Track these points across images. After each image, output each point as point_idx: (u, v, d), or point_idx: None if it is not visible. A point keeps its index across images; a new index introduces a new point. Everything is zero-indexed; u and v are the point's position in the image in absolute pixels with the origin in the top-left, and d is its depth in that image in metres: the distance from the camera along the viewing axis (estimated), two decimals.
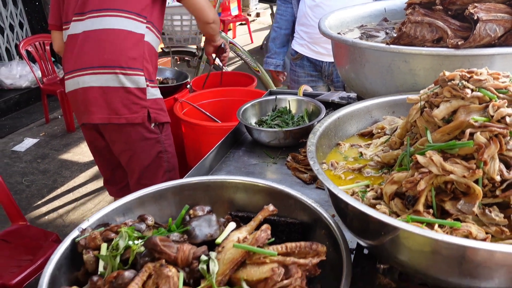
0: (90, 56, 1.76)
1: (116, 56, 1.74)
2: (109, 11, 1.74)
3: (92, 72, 1.76)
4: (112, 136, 1.88)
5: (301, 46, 2.23)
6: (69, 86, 1.84)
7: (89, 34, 1.77)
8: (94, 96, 1.77)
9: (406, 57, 1.05)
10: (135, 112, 1.80)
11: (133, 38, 1.77)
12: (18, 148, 3.82)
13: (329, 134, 0.98)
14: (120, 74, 1.75)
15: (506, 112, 0.70)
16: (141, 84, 1.80)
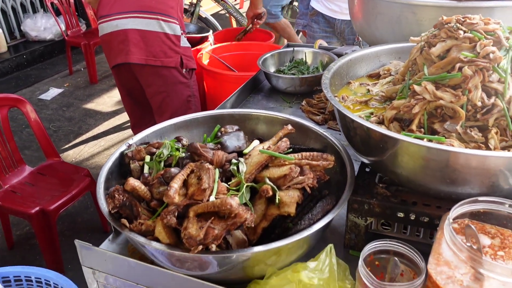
0: (131, 1, 1.89)
1: (157, 4, 1.90)
2: None
3: (133, 16, 1.90)
4: (148, 79, 2.02)
5: (317, 3, 2.35)
6: (106, 29, 1.97)
7: None
8: (134, 37, 1.91)
9: (414, 8, 1.17)
10: (170, 57, 1.95)
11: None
12: (44, 97, 4.01)
13: (341, 73, 1.13)
14: (161, 20, 1.90)
15: (491, 49, 0.83)
16: (177, 32, 1.96)
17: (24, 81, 4.35)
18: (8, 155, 2.15)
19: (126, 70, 2.03)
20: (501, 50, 0.85)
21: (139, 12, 1.89)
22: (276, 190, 0.82)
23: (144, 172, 0.91)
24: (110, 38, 1.96)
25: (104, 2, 1.96)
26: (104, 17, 1.95)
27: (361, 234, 0.94)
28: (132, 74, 2.05)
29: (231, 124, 1.07)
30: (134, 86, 2.12)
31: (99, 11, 1.99)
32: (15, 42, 4.75)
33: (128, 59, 1.94)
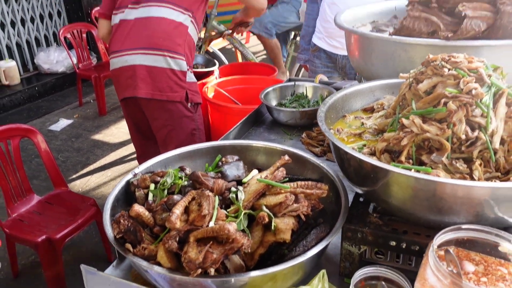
0: (140, 38, 2.00)
1: (165, 41, 1.99)
2: (162, 2, 2.00)
3: (141, 52, 2.00)
4: (154, 113, 2.11)
5: (319, 40, 2.44)
6: (116, 64, 2.07)
7: (141, 20, 2.01)
8: (142, 73, 2.01)
9: (406, 46, 1.24)
10: (175, 92, 2.04)
11: (180, 28, 2.02)
12: (54, 128, 4.11)
13: (337, 107, 1.19)
14: (168, 57, 2.00)
15: (473, 86, 0.89)
16: (183, 68, 2.05)
17: (35, 112, 4.47)
18: (17, 184, 2.21)
19: (133, 103, 2.12)
20: (483, 87, 0.91)
21: (147, 49, 1.99)
22: (272, 217, 0.87)
23: (148, 199, 0.96)
24: (120, 73, 2.06)
25: (115, 39, 2.07)
26: (115, 52, 2.06)
27: (355, 262, 0.98)
28: (139, 108, 2.13)
29: (232, 155, 1.12)
30: (141, 119, 2.19)
31: (111, 47, 2.09)
32: (28, 74, 4.90)
33: (135, 93, 2.03)
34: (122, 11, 2.06)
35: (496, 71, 0.99)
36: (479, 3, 1.15)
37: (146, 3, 2.01)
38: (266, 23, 3.80)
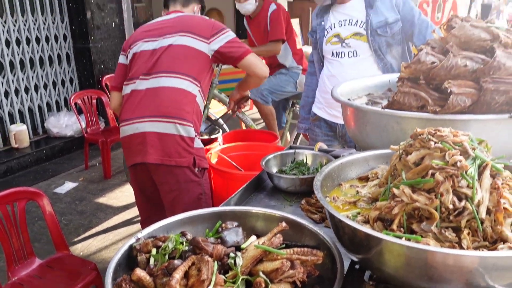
0: (151, 107, 2.11)
1: (174, 109, 2.11)
2: (173, 73, 2.13)
3: (152, 120, 2.10)
4: (162, 178, 2.17)
5: (319, 109, 2.55)
6: (127, 131, 2.17)
7: (152, 90, 2.14)
8: (152, 139, 2.10)
9: (398, 119, 1.32)
10: (183, 157, 2.12)
11: (189, 96, 2.15)
12: (59, 190, 4.17)
13: (333, 176, 1.25)
14: (177, 123, 2.10)
15: (458, 158, 0.95)
16: (191, 134, 2.14)
17: (42, 175, 4.55)
18: (20, 247, 2.23)
19: (142, 169, 2.19)
20: (468, 159, 0.97)
21: (157, 117, 2.10)
22: (268, 283, 0.89)
23: (150, 264, 1.00)
24: (130, 140, 2.15)
25: (126, 108, 2.19)
26: (125, 120, 2.16)
27: None
28: (147, 173, 2.19)
29: (232, 221, 1.16)
30: (148, 184, 2.25)
31: (122, 116, 2.20)
32: (37, 138, 5.05)
33: (145, 159, 2.11)
34: (134, 82, 2.19)
35: (481, 144, 1.06)
36: (464, 81, 1.24)
37: (157, 74, 2.14)
38: (263, 90, 3.95)
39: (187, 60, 2.16)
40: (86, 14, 4.97)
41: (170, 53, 2.16)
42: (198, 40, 2.18)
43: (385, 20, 2.26)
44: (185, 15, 2.31)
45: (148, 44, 2.21)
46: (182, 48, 2.16)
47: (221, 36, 2.20)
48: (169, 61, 2.15)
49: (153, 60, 2.16)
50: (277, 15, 3.74)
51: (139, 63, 2.20)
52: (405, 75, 1.32)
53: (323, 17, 2.43)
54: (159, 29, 2.24)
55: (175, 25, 2.23)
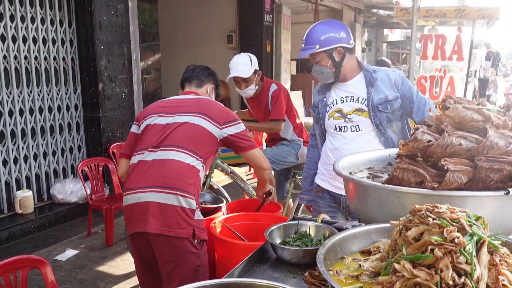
0: (155, 177, 2.19)
1: (178, 181, 2.19)
2: (182, 149, 2.24)
3: (155, 190, 2.17)
4: (161, 248, 2.20)
5: (323, 181, 2.61)
6: (129, 200, 2.23)
7: (158, 162, 2.23)
8: (153, 209, 2.15)
9: (398, 194, 1.37)
10: (183, 228, 2.16)
11: (193, 170, 2.24)
12: (60, 258, 4.13)
13: (335, 249, 1.28)
14: (180, 195, 2.16)
15: (456, 235, 0.99)
16: (193, 206, 2.20)
17: (43, 241, 4.53)
18: None
19: (142, 238, 2.23)
20: (466, 236, 1.01)
21: (161, 188, 2.18)
22: None
23: None
24: (132, 209, 2.20)
25: (131, 177, 2.26)
26: (129, 190, 2.23)
27: None
28: (147, 243, 2.22)
29: None
30: (148, 254, 2.27)
31: (126, 185, 2.27)
32: (42, 203, 5.08)
33: (145, 228, 2.16)
34: (142, 153, 2.28)
35: (478, 221, 1.10)
36: (459, 159, 1.31)
37: (166, 147, 2.25)
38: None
39: (198, 139, 2.28)
40: (98, 85, 5.20)
41: (184, 129, 2.29)
42: (212, 124, 2.32)
43: (385, 97, 2.39)
44: (204, 99, 2.48)
45: (162, 118, 2.34)
46: (196, 128, 2.30)
47: (233, 125, 2.38)
48: (181, 137, 2.27)
49: (165, 134, 2.28)
50: (278, 95, 3.90)
51: (150, 135, 2.31)
52: (403, 152, 1.39)
53: (325, 94, 2.56)
54: (176, 107, 2.39)
55: (194, 105, 2.39)
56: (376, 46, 16.43)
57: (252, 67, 3.81)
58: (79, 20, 5.22)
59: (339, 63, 2.42)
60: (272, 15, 8.59)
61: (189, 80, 2.60)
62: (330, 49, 2.39)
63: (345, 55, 2.42)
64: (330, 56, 2.41)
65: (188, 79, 2.60)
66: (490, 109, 1.38)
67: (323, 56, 2.41)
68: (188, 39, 9.38)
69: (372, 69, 2.48)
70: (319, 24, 2.50)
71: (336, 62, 2.42)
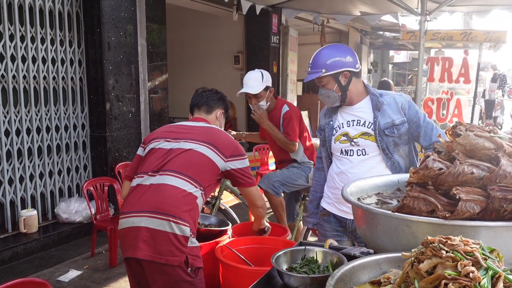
0: (149, 202, 2.16)
1: (172, 207, 2.15)
2: (180, 175, 2.21)
3: (147, 215, 2.14)
4: (154, 275, 2.16)
5: (329, 204, 2.57)
6: (123, 224, 2.21)
7: (155, 186, 2.20)
8: (145, 235, 2.12)
9: (408, 223, 1.34)
10: (175, 256, 2.12)
11: (189, 197, 2.20)
12: (63, 279, 4.08)
13: (345, 280, 1.24)
14: (172, 222, 2.12)
15: (470, 269, 0.96)
16: (186, 233, 2.15)
17: (47, 261, 4.49)
18: None
19: (135, 263, 2.20)
20: (481, 270, 0.98)
21: (153, 213, 2.14)
22: None
23: None
24: (125, 233, 2.20)
25: (128, 201, 2.27)
26: (124, 213, 2.23)
27: None
28: (141, 268, 2.20)
29: None
30: (143, 279, 2.25)
31: (122, 208, 2.26)
32: (46, 223, 5.05)
33: (136, 254, 2.14)
34: (142, 176, 2.27)
35: (492, 253, 1.07)
36: (471, 188, 1.28)
37: (164, 172, 2.23)
38: (274, 182, 4.00)
39: (200, 167, 2.26)
40: (106, 105, 5.23)
41: (187, 156, 2.26)
42: (218, 155, 2.31)
43: (392, 122, 2.37)
44: (214, 129, 2.46)
45: (168, 143, 2.33)
46: (200, 156, 2.27)
47: (238, 160, 2.36)
48: (182, 163, 2.24)
49: (167, 159, 2.25)
50: (290, 117, 3.92)
51: (152, 159, 2.30)
52: (414, 180, 1.37)
53: (332, 117, 2.55)
54: (183, 133, 2.38)
55: (203, 134, 2.37)
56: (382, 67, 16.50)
57: (263, 84, 3.85)
58: (88, 41, 5.28)
59: (345, 87, 2.42)
60: (279, 37, 8.67)
61: (199, 105, 2.58)
62: (336, 73, 2.39)
63: (351, 79, 2.42)
64: (336, 80, 2.40)
65: (197, 105, 2.58)
66: (502, 137, 1.35)
67: (329, 79, 2.41)
68: (195, 60, 9.46)
69: (379, 93, 2.47)
70: (326, 48, 2.51)
71: (342, 86, 2.41)
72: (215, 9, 7.77)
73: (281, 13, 8.15)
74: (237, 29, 8.79)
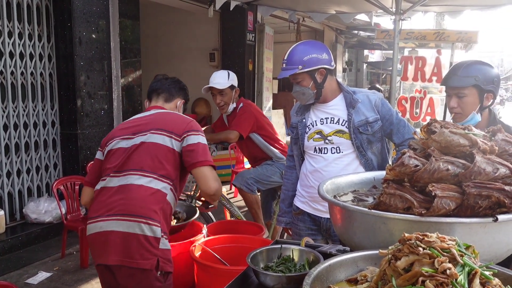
0: (116, 205, 2.05)
1: (141, 208, 2.04)
2: (141, 171, 2.09)
3: (116, 218, 2.03)
4: (124, 280, 2.06)
5: (303, 203, 2.56)
6: (91, 230, 2.10)
7: (120, 187, 2.09)
8: (114, 240, 2.02)
9: (384, 220, 1.33)
10: (146, 259, 2.02)
11: (157, 194, 2.08)
12: (31, 281, 3.95)
13: (321, 278, 1.22)
14: (142, 223, 2.02)
15: (447, 266, 0.95)
16: (157, 234, 2.04)
17: (15, 263, 4.33)
18: None
19: (106, 269, 2.10)
20: (457, 266, 0.97)
21: (121, 215, 2.03)
22: None
23: None
24: (94, 239, 2.09)
25: (93, 206, 2.16)
26: (91, 218, 2.12)
27: None
28: (112, 274, 2.10)
29: None
30: (114, 284, 2.13)
31: (88, 213, 2.17)
32: (14, 223, 4.88)
33: (106, 260, 2.04)
34: (104, 179, 2.17)
35: (468, 250, 1.06)
36: (447, 184, 1.28)
37: (126, 172, 2.11)
38: (248, 179, 3.97)
39: (158, 159, 2.12)
40: (77, 102, 5.10)
41: (140, 151, 2.13)
42: (170, 137, 2.15)
43: (366, 119, 2.38)
44: (162, 112, 2.30)
45: (124, 142, 2.19)
46: (153, 146, 2.13)
47: (192, 136, 2.15)
48: (139, 159, 2.12)
49: (126, 158, 2.14)
50: (242, 112, 3.96)
51: (112, 161, 2.17)
52: (390, 177, 1.36)
53: (304, 115, 2.53)
54: (135, 127, 2.23)
55: (150, 122, 2.22)
56: (357, 66, 16.68)
57: (229, 81, 3.88)
58: (59, 35, 5.12)
59: (321, 84, 2.40)
60: (255, 34, 8.64)
61: (158, 92, 2.41)
62: (313, 70, 2.37)
63: (327, 76, 2.41)
64: (312, 77, 2.38)
65: (157, 91, 2.41)
66: (477, 134, 1.36)
67: (305, 76, 2.38)
68: (170, 56, 9.33)
69: (352, 91, 2.47)
70: (301, 44, 2.47)
71: (318, 83, 2.40)
72: (190, 6, 7.68)
73: (256, 11, 8.13)
74: (212, 26, 8.71)
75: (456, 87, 2.09)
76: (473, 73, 2.05)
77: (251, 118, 3.91)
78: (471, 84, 2.04)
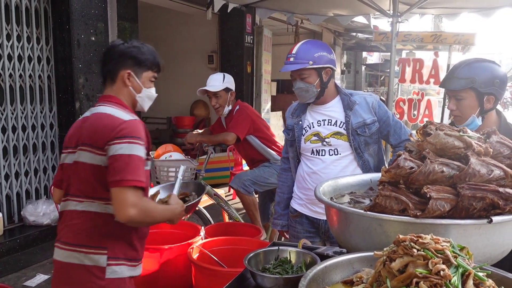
0: (60, 232, 1.91)
1: (78, 235, 1.83)
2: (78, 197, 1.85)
3: (59, 247, 1.89)
4: None
5: (300, 206, 2.56)
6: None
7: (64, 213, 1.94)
8: (57, 270, 1.89)
9: (380, 221, 1.34)
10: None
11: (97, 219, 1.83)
12: (29, 283, 3.94)
13: (317, 280, 1.23)
14: (82, 252, 1.80)
15: (441, 267, 0.96)
16: (100, 263, 1.79)
17: (13, 266, 4.33)
18: None
19: None
20: (451, 268, 0.98)
21: (63, 244, 1.87)
22: None
23: None
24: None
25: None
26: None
27: None
28: None
29: None
30: None
31: None
32: (12, 226, 4.88)
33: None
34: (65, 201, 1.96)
35: (462, 251, 1.07)
36: (442, 186, 1.29)
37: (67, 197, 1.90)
38: (245, 180, 3.98)
39: (93, 181, 1.81)
40: (75, 104, 5.10)
41: (74, 173, 1.86)
42: (97, 154, 1.79)
43: (363, 121, 2.39)
44: (94, 115, 1.88)
45: (68, 157, 1.91)
46: (82, 167, 1.83)
47: (113, 145, 1.73)
48: (75, 183, 1.86)
49: (67, 181, 1.91)
50: (238, 114, 3.97)
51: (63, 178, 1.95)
52: (386, 179, 1.37)
53: (300, 117, 2.53)
54: (73, 135, 1.91)
55: (77, 133, 1.88)
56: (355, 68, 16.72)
57: (223, 84, 3.90)
58: (57, 38, 5.13)
59: (326, 83, 2.41)
60: (253, 36, 8.65)
61: (104, 77, 1.96)
62: (321, 67, 2.37)
63: (331, 77, 2.42)
64: (319, 75, 2.38)
65: (102, 76, 1.97)
66: (471, 136, 1.37)
67: (312, 73, 2.37)
68: (169, 59, 9.34)
69: (349, 93, 2.48)
70: (311, 42, 2.47)
71: (323, 82, 2.40)
72: (189, 8, 7.69)
73: (255, 13, 8.14)
74: (211, 28, 8.73)
75: (453, 90, 2.06)
76: (471, 74, 1.97)
77: (248, 120, 3.92)
78: (467, 86, 1.97)
